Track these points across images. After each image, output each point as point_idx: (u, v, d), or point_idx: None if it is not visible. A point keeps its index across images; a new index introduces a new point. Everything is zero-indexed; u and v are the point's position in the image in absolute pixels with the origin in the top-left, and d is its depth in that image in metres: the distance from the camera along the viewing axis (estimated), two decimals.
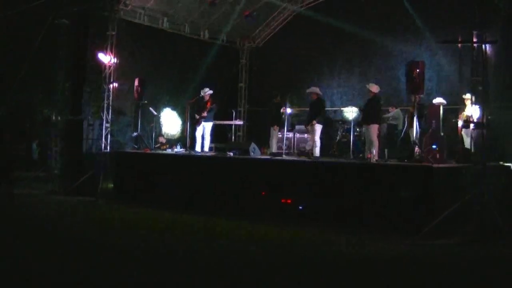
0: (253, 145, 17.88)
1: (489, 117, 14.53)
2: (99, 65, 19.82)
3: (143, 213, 15.80)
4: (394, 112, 19.19)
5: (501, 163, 15.26)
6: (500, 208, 12.93)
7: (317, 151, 17.52)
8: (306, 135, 19.75)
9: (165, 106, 23.19)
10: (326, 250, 11.87)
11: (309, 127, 18.10)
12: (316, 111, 17.72)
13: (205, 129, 19.63)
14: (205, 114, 19.47)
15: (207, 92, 19.65)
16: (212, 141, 20.26)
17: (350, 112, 20.16)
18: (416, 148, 15.58)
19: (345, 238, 12.71)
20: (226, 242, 12.48)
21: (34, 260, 10.12)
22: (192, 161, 18.05)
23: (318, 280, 9.40)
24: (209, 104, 19.60)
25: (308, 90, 18.16)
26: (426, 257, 11.30)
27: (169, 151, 20.35)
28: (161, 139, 21.97)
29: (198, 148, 19.56)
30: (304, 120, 18.80)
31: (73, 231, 13.28)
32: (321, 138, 18.19)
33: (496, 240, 12.18)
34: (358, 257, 11.29)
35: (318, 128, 17.65)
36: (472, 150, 14.40)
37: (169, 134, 23.39)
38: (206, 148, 19.69)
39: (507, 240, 12.06)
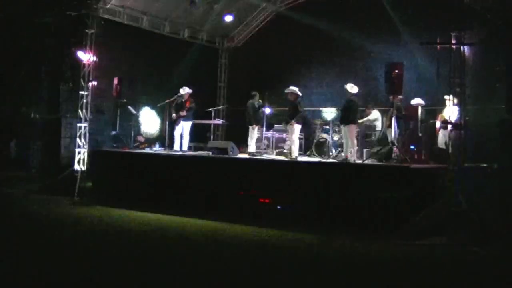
0: (231, 144, 17.88)
1: (467, 118, 14.65)
2: (78, 63, 19.76)
3: (121, 213, 15.82)
4: (370, 115, 19.21)
5: (480, 164, 15.39)
6: (481, 209, 13.05)
7: (295, 151, 17.53)
8: (284, 134, 19.75)
9: (144, 105, 23.13)
10: (305, 250, 11.94)
11: (287, 127, 18.10)
12: (294, 111, 17.72)
13: (184, 128, 19.58)
14: (184, 113, 19.42)
15: (186, 91, 19.61)
16: (191, 140, 20.21)
17: (329, 113, 20.19)
18: (394, 149, 15.66)
19: (323, 238, 12.80)
20: (204, 242, 12.52)
21: (17, 260, 10.08)
22: (171, 160, 18.03)
23: (308, 280, 9.46)
24: (188, 103, 19.55)
25: (286, 90, 18.14)
26: (399, 258, 11.38)
27: (148, 150, 20.30)
28: (140, 138, 21.92)
29: (177, 147, 19.50)
30: (283, 120, 18.80)
31: (52, 231, 13.24)
32: (299, 138, 18.21)
33: (470, 241, 12.25)
34: (334, 257, 11.37)
35: (297, 128, 17.65)
36: (450, 151, 14.50)
37: (148, 133, 23.34)
38: (185, 148, 19.64)
39: (484, 240, 12.12)
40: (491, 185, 14.19)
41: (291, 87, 18.13)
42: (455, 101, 14.53)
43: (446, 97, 16.75)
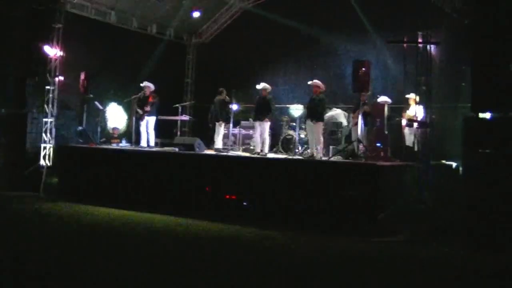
0: (198, 141, 17.88)
1: (433, 117, 14.80)
2: (45, 58, 19.63)
3: (87, 209, 15.75)
4: (329, 114, 19.24)
5: (443, 161, 15.54)
6: (445, 206, 13.19)
7: (266, 149, 17.58)
8: (251, 131, 19.78)
9: (111, 101, 23.02)
10: (266, 247, 11.98)
11: (256, 123, 18.06)
12: (267, 107, 17.75)
13: (148, 123, 19.47)
14: (148, 108, 19.33)
15: (147, 85, 19.50)
16: (157, 136, 20.15)
17: (296, 110, 20.26)
18: (361, 146, 15.74)
19: (288, 235, 12.87)
20: (168, 238, 12.54)
21: None
22: (137, 156, 17.94)
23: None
24: (151, 98, 19.44)
25: (259, 86, 18.12)
26: (366, 255, 11.44)
27: (114, 146, 20.22)
28: (116, 132, 22.06)
29: (143, 143, 19.44)
30: (250, 116, 18.81)
31: (18, 227, 13.14)
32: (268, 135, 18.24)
33: (436, 238, 12.38)
34: (298, 255, 11.43)
35: (267, 125, 17.70)
36: (416, 149, 14.63)
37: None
38: (152, 143, 19.59)
39: (446, 238, 12.26)
40: (454, 183, 14.36)
41: (262, 83, 18.17)
42: (418, 99, 14.64)
43: (408, 96, 16.91)
